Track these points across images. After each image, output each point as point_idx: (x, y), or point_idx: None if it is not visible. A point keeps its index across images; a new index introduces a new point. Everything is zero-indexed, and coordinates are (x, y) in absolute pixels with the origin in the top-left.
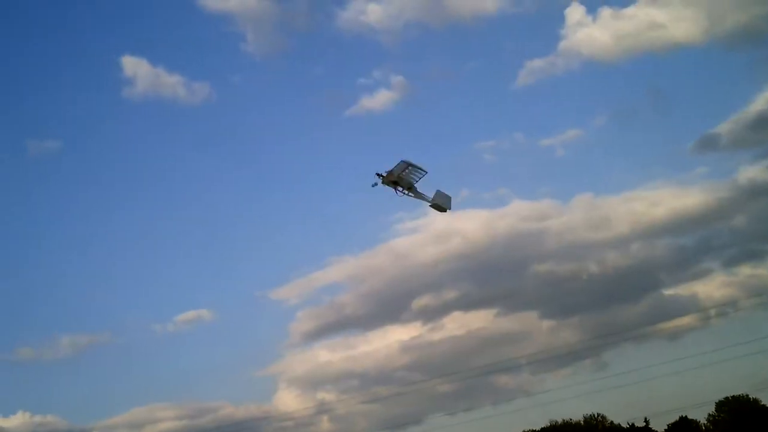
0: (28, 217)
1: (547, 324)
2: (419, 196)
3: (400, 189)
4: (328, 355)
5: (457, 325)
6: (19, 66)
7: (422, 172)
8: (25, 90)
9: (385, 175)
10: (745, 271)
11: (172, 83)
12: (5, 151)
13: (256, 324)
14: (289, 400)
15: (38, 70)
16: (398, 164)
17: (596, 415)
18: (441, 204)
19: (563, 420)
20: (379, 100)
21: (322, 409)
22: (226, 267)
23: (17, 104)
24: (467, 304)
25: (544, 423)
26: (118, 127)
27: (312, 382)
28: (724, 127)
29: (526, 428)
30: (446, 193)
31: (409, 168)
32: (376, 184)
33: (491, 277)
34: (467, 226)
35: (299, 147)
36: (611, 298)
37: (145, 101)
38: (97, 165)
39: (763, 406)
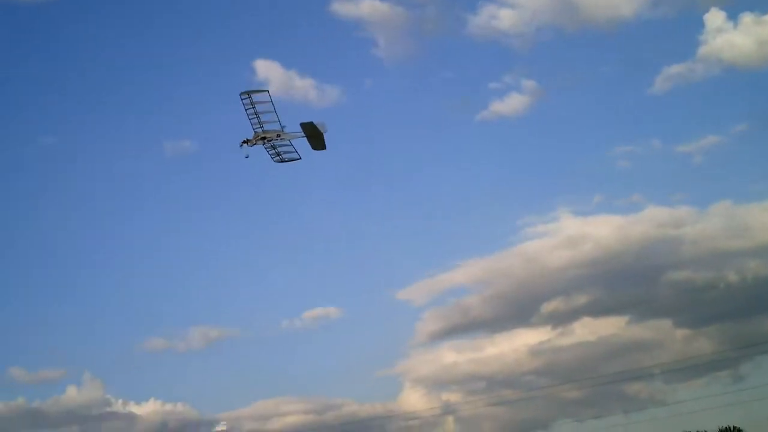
0: (167, 211)
1: (681, 333)
2: (292, 136)
3: (272, 143)
4: (454, 356)
5: (588, 330)
6: (158, 68)
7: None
8: (162, 93)
9: (249, 139)
10: None
11: (303, 86)
12: (146, 151)
13: (383, 323)
14: (414, 400)
15: (173, 74)
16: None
17: (732, 428)
18: (314, 134)
19: (697, 431)
20: (511, 104)
21: (448, 409)
22: (355, 266)
23: (155, 108)
24: (598, 310)
25: None
26: None
27: (437, 383)
28: None
29: None
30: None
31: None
32: (248, 156)
33: (623, 283)
34: (599, 231)
35: (430, 150)
36: (751, 309)
37: (278, 103)
38: (229, 164)
39: None
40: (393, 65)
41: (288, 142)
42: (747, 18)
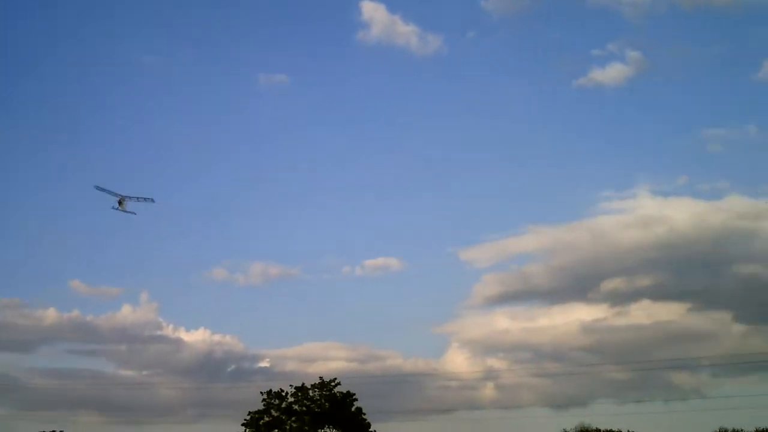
0: (251, 144)
1: (739, 328)
2: None
3: None
4: (506, 322)
5: (645, 313)
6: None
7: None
8: (262, 24)
9: None
10: None
11: (406, 32)
12: (240, 83)
13: (442, 280)
14: (458, 361)
15: (279, 6)
16: None
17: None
18: None
19: (733, 429)
20: (610, 73)
21: (490, 375)
22: (423, 219)
23: (251, 38)
24: (659, 294)
25: (713, 428)
26: (348, 67)
27: (484, 347)
28: None
29: (693, 430)
30: None
31: None
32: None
33: (690, 270)
34: (677, 214)
35: (523, 109)
36: None
37: (378, 46)
38: (322, 100)
39: None
40: (499, 19)
41: None
42: None
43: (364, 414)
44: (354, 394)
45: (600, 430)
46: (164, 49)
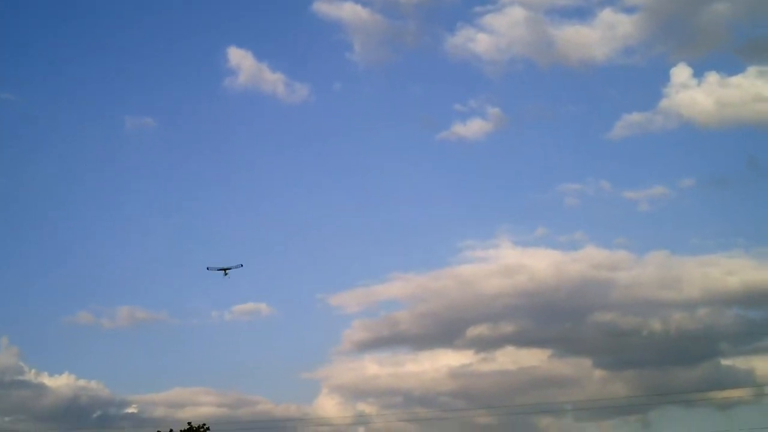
0: (115, 185)
1: (599, 373)
2: None
3: None
4: (376, 368)
5: (510, 359)
6: (127, 43)
7: None
8: (129, 68)
9: None
10: None
11: (273, 80)
12: (105, 126)
13: (311, 326)
14: (329, 406)
15: (147, 51)
16: None
17: None
18: None
19: None
20: (472, 128)
21: (361, 420)
22: (293, 266)
23: (117, 82)
24: (522, 340)
25: None
26: (215, 113)
27: (355, 393)
28: None
29: None
30: None
31: None
32: None
33: (551, 318)
34: (537, 264)
35: (387, 161)
36: (668, 359)
37: (245, 93)
38: (188, 145)
39: None
40: (365, 71)
41: None
42: (713, 77)
43: None
44: None
45: None
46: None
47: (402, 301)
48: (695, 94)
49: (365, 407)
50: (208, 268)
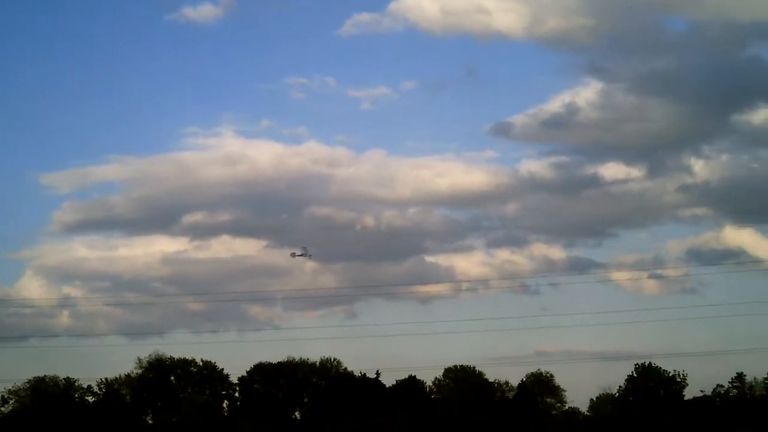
0: None
1: (311, 265)
2: None
3: None
4: (86, 251)
5: (225, 248)
6: None
7: None
8: None
9: None
10: (504, 255)
11: None
12: None
13: (18, 205)
14: (33, 289)
15: None
16: None
17: (332, 359)
18: None
19: (300, 358)
20: (202, 11)
21: (66, 303)
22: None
23: None
24: (239, 230)
25: (282, 358)
26: None
27: (62, 276)
28: (518, 119)
29: (264, 360)
30: None
31: None
32: None
33: (269, 209)
34: (259, 155)
35: (112, 41)
36: (377, 254)
37: None
38: None
39: (485, 379)
40: None
41: None
42: None
43: None
44: None
45: (174, 358)
46: None
47: (119, 184)
48: (423, 1)
49: (72, 290)
50: None
